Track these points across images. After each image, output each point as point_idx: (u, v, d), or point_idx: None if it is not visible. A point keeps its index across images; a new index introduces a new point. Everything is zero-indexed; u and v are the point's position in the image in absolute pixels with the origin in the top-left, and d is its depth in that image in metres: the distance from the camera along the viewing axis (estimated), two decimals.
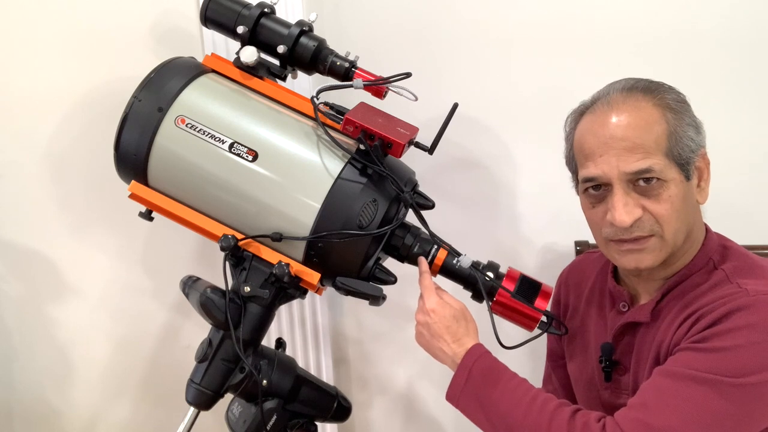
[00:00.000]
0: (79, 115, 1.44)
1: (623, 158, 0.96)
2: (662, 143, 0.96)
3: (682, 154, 0.97)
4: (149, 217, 1.12)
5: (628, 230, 0.97)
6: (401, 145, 1.05)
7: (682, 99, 1.01)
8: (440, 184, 1.45)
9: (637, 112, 0.98)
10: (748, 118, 1.43)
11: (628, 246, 0.99)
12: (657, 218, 0.97)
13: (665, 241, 0.98)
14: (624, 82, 1.03)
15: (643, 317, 1.04)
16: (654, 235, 0.98)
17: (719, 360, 0.89)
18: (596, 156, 0.98)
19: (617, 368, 1.08)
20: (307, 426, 1.13)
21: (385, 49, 1.43)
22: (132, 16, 1.42)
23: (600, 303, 1.16)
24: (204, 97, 1.09)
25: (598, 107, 1.01)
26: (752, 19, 1.40)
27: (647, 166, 0.95)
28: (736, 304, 0.92)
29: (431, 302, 1.07)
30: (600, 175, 0.98)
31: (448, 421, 1.69)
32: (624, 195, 0.97)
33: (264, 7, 1.14)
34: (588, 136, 1.01)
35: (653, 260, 0.99)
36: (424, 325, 1.07)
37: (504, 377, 1.01)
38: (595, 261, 1.21)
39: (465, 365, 1.03)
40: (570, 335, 1.21)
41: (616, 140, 0.97)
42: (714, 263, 1.02)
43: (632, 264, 1.00)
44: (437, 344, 1.06)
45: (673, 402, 0.89)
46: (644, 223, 0.97)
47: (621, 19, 1.43)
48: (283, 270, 1.04)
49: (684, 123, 0.98)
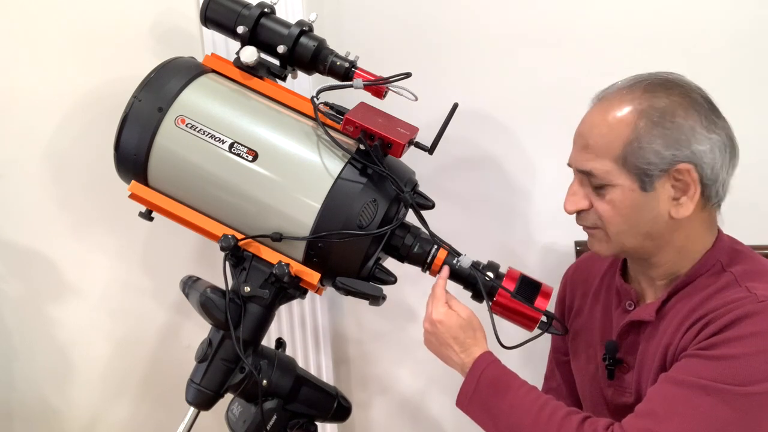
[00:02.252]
0: (79, 115, 1.44)
1: (578, 155, 1.02)
2: (615, 149, 0.96)
3: (639, 165, 0.96)
4: (149, 217, 1.13)
5: (578, 218, 1.05)
6: (401, 145, 1.05)
7: (674, 112, 0.95)
8: (440, 184, 1.45)
9: (607, 113, 0.99)
10: (749, 117, 1.43)
11: (586, 231, 1.06)
12: (599, 215, 1.01)
13: (609, 237, 1.02)
14: (644, 76, 1.01)
15: (648, 316, 1.04)
16: (597, 227, 1.03)
17: (726, 368, 0.89)
18: (573, 144, 1.05)
19: (620, 366, 1.08)
20: (307, 426, 1.14)
21: (385, 49, 1.43)
22: (132, 16, 1.42)
23: (606, 301, 1.16)
24: (204, 97, 1.09)
25: (598, 96, 1.04)
26: (753, 19, 1.40)
27: (588, 169, 0.99)
28: (744, 310, 0.91)
29: (438, 312, 1.07)
30: (570, 162, 1.05)
31: (448, 421, 1.69)
32: (577, 185, 1.03)
33: (264, 7, 1.14)
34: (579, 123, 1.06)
35: (600, 249, 1.05)
36: (431, 334, 1.08)
37: (513, 386, 1.01)
38: (602, 259, 1.20)
39: (473, 374, 1.03)
40: (574, 333, 1.21)
41: (578, 136, 1.03)
42: (722, 265, 1.01)
43: (589, 246, 1.08)
44: (445, 352, 1.08)
45: (681, 410, 0.89)
46: (589, 215, 1.03)
47: (621, 19, 1.42)
48: (283, 270, 1.04)
49: (653, 135, 0.95)
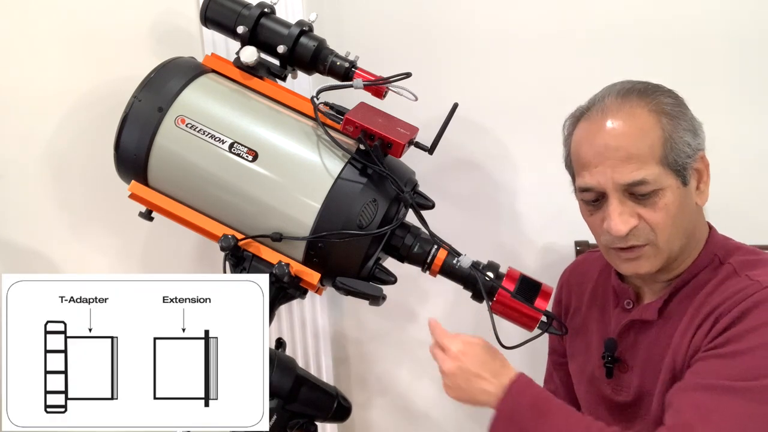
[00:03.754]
0: (79, 115, 1.44)
1: (618, 169, 0.96)
2: (657, 151, 0.95)
3: (678, 160, 0.96)
4: (149, 217, 1.12)
5: (623, 239, 0.98)
6: (401, 145, 1.05)
7: (678, 102, 1.00)
8: (440, 184, 1.45)
9: (632, 120, 0.97)
10: (749, 117, 1.44)
11: (625, 255, 1.00)
12: (652, 226, 0.97)
13: (659, 248, 0.98)
14: (620, 85, 1.02)
15: (649, 315, 1.04)
16: (648, 243, 0.98)
17: (746, 364, 0.89)
18: (591, 166, 0.99)
19: (619, 365, 1.08)
20: (307, 426, 1.13)
21: (385, 49, 1.43)
22: (132, 16, 1.42)
23: (603, 301, 1.16)
24: (204, 97, 1.09)
25: (593, 114, 1.01)
26: (754, 19, 1.40)
27: (641, 178, 0.95)
28: (751, 301, 0.91)
29: (456, 345, 1.01)
30: (595, 185, 0.98)
31: (448, 421, 1.69)
32: (619, 204, 0.97)
33: (264, 7, 1.14)
34: (584, 145, 1.01)
35: (650, 267, 1.00)
36: (457, 372, 1.00)
37: (553, 408, 0.97)
38: (597, 260, 1.21)
39: (511, 398, 0.97)
40: (572, 334, 1.21)
41: (611, 150, 0.96)
42: (719, 258, 1.02)
43: (631, 270, 1.02)
44: (477, 386, 0.99)
45: (715, 417, 0.88)
46: (640, 231, 0.98)
47: (621, 18, 1.42)
48: (283, 270, 1.04)
49: (680, 128, 0.97)
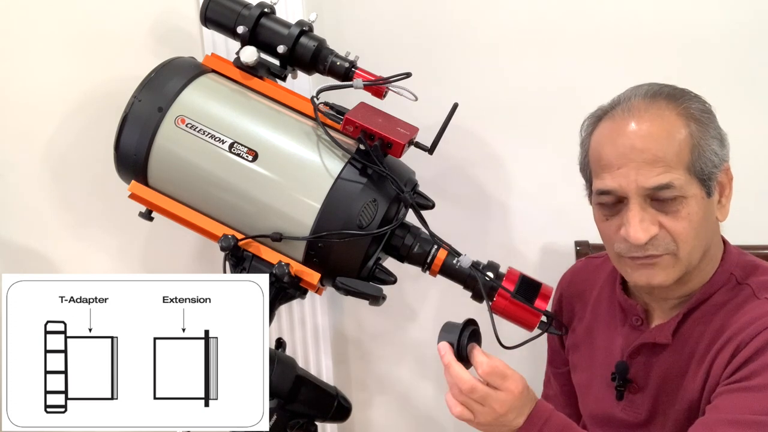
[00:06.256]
0: (79, 115, 1.44)
1: (642, 172, 0.90)
2: (684, 157, 0.90)
3: (705, 169, 0.91)
4: (149, 217, 1.13)
5: (642, 248, 0.92)
6: (401, 145, 1.05)
7: (707, 109, 0.95)
8: (440, 184, 1.45)
9: (660, 121, 0.91)
10: (749, 117, 1.43)
11: (641, 261, 0.94)
12: (674, 236, 0.92)
13: (679, 259, 0.93)
14: (647, 87, 0.96)
15: (663, 339, 0.99)
16: (668, 253, 0.93)
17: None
18: (613, 168, 0.93)
19: (630, 386, 1.04)
20: (307, 426, 1.13)
21: (385, 49, 1.43)
22: (132, 16, 1.41)
23: (609, 315, 1.11)
24: (204, 97, 1.09)
25: (617, 113, 0.95)
26: (755, 18, 1.40)
27: (667, 181, 0.89)
28: None
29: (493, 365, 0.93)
30: (616, 188, 0.93)
31: (448, 420, 1.69)
32: (640, 210, 0.91)
33: (264, 7, 1.14)
34: (606, 145, 0.95)
35: (666, 278, 0.94)
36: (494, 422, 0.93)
37: None
38: (599, 268, 1.17)
39: (534, 425, 0.92)
40: (574, 345, 1.18)
41: (636, 151, 0.91)
42: (736, 278, 0.97)
43: (644, 280, 0.96)
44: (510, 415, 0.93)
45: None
46: (659, 240, 0.92)
47: (621, 18, 1.42)
48: (283, 270, 1.04)
49: (708, 135, 0.92)
